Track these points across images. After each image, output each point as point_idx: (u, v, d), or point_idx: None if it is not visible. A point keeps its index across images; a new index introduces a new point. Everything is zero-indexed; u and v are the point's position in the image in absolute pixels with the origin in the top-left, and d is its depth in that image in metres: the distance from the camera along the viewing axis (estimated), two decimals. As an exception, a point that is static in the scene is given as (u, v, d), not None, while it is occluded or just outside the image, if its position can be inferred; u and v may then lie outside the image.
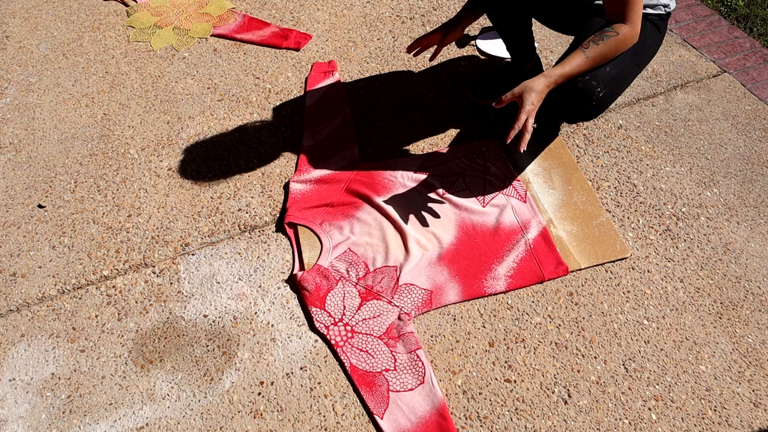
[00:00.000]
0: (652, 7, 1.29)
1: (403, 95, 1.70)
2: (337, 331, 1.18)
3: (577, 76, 1.21)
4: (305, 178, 1.45)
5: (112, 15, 2.00)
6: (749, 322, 1.22)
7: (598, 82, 1.22)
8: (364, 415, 1.08)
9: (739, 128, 1.61)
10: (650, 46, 1.32)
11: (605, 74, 1.23)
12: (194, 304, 1.24)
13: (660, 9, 1.30)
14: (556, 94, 1.27)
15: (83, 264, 1.31)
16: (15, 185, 1.48)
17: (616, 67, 1.24)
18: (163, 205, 1.43)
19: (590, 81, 1.22)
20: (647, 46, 1.30)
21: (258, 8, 2.02)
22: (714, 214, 1.41)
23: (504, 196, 1.41)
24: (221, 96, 1.71)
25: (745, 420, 1.08)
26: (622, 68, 1.26)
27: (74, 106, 1.69)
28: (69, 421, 1.08)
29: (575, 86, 1.23)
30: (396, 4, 2.02)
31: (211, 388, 1.12)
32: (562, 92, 1.25)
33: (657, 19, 1.30)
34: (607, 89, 1.24)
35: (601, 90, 1.23)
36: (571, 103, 1.26)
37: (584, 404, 1.10)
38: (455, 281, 1.25)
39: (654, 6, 1.28)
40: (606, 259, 1.30)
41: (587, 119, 1.31)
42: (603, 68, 1.23)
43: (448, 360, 1.16)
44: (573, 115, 1.30)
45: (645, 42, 1.29)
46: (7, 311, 1.24)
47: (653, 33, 1.30)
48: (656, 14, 1.30)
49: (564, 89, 1.24)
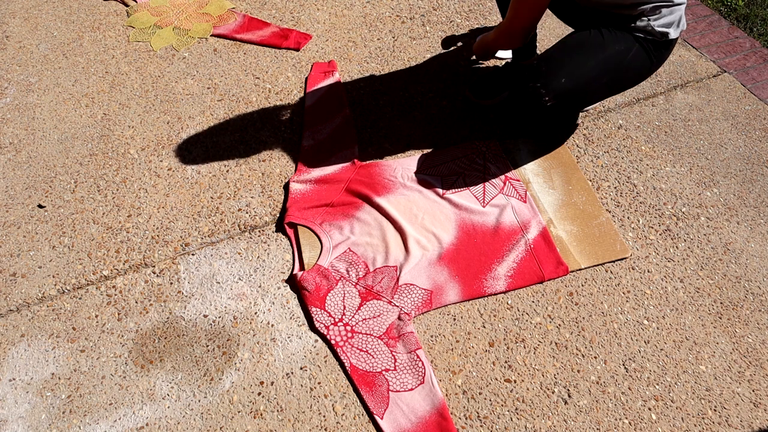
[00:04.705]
0: (646, 32, 1.22)
1: (403, 95, 1.70)
2: (337, 331, 1.18)
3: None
4: (305, 178, 1.45)
5: (112, 15, 2.00)
6: (749, 322, 1.22)
7: (547, 92, 1.23)
8: (364, 415, 1.08)
9: (739, 128, 1.61)
10: (629, 68, 1.25)
11: (558, 85, 1.22)
12: (194, 304, 1.24)
13: (654, 36, 1.22)
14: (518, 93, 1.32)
15: (83, 264, 1.31)
16: (15, 185, 1.48)
17: (574, 80, 1.22)
18: (163, 205, 1.43)
19: (540, 89, 1.23)
20: (624, 67, 1.24)
21: (258, 8, 2.02)
22: (714, 214, 1.41)
23: (504, 196, 1.41)
24: (221, 96, 1.71)
25: (745, 420, 1.08)
26: (583, 83, 1.23)
27: (74, 106, 1.69)
28: (69, 421, 1.08)
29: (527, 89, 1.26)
30: (396, 4, 2.02)
31: (211, 388, 1.12)
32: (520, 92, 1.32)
33: (650, 45, 1.23)
34: (556, 100, 1.23)
35: (549, 100, 1.24)
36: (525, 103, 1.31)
37: (584, 404, 1.10)
38: (455, 281, 1.25)
39: (648, 32, 1.22)
40: (606, 259, 1.30)
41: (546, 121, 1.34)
42: (557, 79, 1.22)
43: (448, 360, 1.16)
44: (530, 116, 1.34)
45: (623, 62, 1.23)
46: (7, 311, 1.24)
47: (640, 57, 1.24)
48: (650, 39, 1.23)
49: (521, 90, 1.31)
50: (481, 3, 2.02)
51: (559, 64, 1.24)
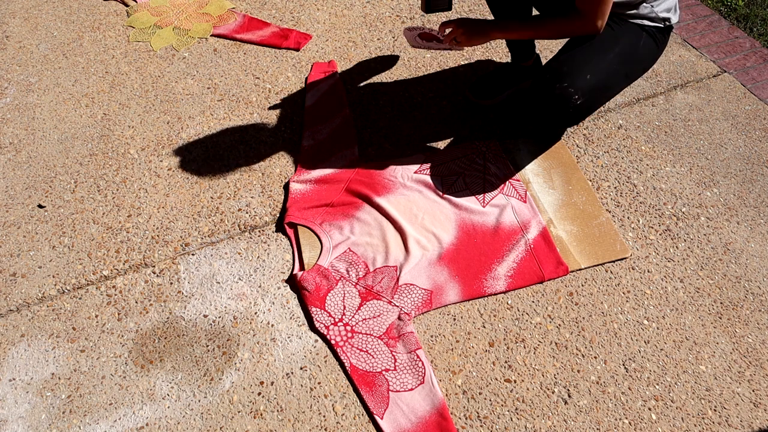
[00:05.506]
0: (651, 19, 1.28)
1: (403, 95, 1.70)
2: (337, 331, 1.18)
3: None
4: (305, 178, 1.45)
5: (112, 15, 2.00)
6: (749, 322, 1.22)
7: (576, 90, 1.23)
8: (364, 415, 1.08)
9: (739, 128, 1.61)
10: (643, 57, 1.31)
11: (585, 82, 1.23)
12: (194, 304, 1.24)
13: (659, 23, 1.29)
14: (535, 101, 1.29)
15: (83, 264, 1.31)
16: (15, 185, 1.48)
17: (598, 75, 1.24)
18: (163, 205, 1.43)
19: (568, 88, 1.22)
20: (638, 57, 1.29)
21: (258, 8, 2.02)
22: (714, 214, 1.41)
23: (504, 196, 1.41)
24: (221, 96, 1.71)
25: (745, 420, 1.08)
26: (605, 77, 1.25)
27: (74, 106, 1.69)
28: (69, 421, 1.08)
29: (553, 92, 1.24)
30: (396, 4, 2.02)
31: (211, 388, 1.12)
32: (541, 98, 1.27)
33: (655, 32, 1.30)
34: (585, 97, 1.24)
35: (579, 98, 1.23)
36: (549, 109, 1.28)
37: (584, 404, 1.10)
38: (455, 281, 1.25)
39: (652, 18, 1.28)
40: (606, 259, 1.30)
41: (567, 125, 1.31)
42: (583, 76, 1.22)
43: (448, 360, 1.16)
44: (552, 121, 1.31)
45: (636, 53, 1.28)
46: (7, 311, 1.24)
47: (648, 45, 1.29)
48: (654, 27, 1.29)
49: (542, 95, 1.26)
50: (481, 3, 2.02)
51: (580, 62, 1.25)
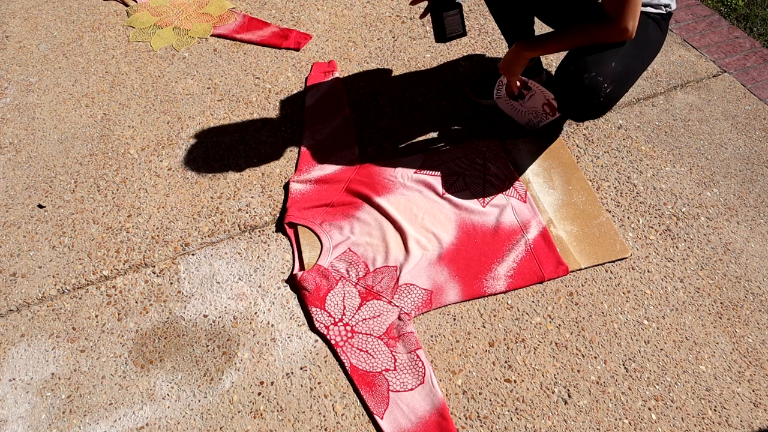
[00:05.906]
0: (654, 6, 1.29)
1: (403, 95, 1.69)
2: (337, 331, 1.18)
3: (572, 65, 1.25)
4: (305, 178, 1.45)
5: (112, 15, 2.00)
6: (749, 322, 1.22)
7: (604, 78, 1.22)
8: (364, 415, 1.08)
9: (739, 128, 1.61)
10: (653, 44, 1.32)
11: (611, 70, 1.23)
12: (194, 304, 1.24)
13: (661, 9, 1.31)
14: (562, 92, 1.27)
15: (83, 264, 1.31)
16: (15, 185, 1.48)
17: (621, 62, 1.24)
18: (163, 205, 1.43)
19: (597, 77, 1.22)
20: (650, 44, 1.31)
21: (258, 8, 2.02)
22: (714, 214, 1.41)
23: (504, 196, 1.41)
24: (221, 96, 1.71)
25: (745, 420, 1.08)
26: (626, 64, 1.26)
27: (74, 106, 1.69)
28: (69, 421, 1.08)
29: (581, 83, 1.22)
30: (396, 4, 2.02)
31: (211, 388, 1.12)
32: (568, 90, 1.25)
33: (659, 18, 1.31)
34: (613, 85, 1.24)
35: (608, 86, 1.23)
36: (578, 100, 1.26)
37: (584, 404, 1.10)
38: (455, 281, 1.25)
39: (656, 5, 1.30)
40: (606, 259, 1.30)
41: (595, 116, 1.29)
42: (608, 64, 1.22)
43: (448, 360, 1.16)
44: (580, 113, 1.29)
45: (648, 39, 1.29)
46: (7, 311, 1.24)
47: (656, 31, 1.31)
48: (657, 13, 1.31)
49: (570, 87, 1.24)
50: (481, 3, 2.02)
51: (603, 52, 1.25)
